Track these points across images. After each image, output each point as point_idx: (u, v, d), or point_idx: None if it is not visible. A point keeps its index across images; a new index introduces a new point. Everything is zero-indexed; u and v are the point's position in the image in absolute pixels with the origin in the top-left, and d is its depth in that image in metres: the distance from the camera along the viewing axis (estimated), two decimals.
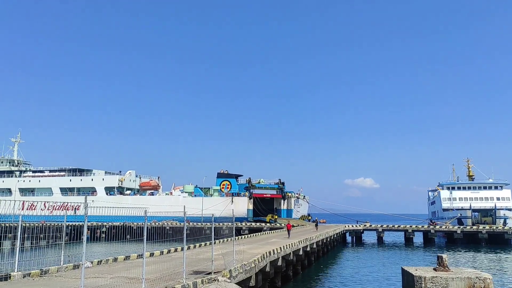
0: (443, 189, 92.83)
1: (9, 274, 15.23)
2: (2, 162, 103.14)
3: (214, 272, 15.88)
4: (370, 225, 71.09)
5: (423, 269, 20.08)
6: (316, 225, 57.60)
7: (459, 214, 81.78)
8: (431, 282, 18.14)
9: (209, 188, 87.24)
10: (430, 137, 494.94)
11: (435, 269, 19.62)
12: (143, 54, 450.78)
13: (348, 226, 69.68)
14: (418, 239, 68.47)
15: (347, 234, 69.21)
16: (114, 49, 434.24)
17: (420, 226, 70.57)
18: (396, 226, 69.98)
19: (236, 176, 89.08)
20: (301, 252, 32.37)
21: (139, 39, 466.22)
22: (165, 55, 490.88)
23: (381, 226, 69.30)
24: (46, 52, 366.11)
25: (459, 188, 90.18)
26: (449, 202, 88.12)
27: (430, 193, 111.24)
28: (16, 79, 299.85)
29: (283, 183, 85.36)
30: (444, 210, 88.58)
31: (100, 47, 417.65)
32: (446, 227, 68.56)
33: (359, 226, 69.94)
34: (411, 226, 68.43)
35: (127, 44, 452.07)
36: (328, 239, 50.12)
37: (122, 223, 62.75)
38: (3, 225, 51.46)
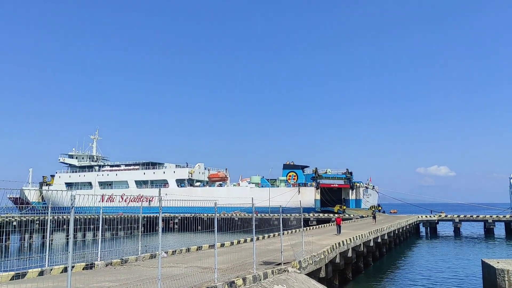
0: None
1: (93, 263, 16.37)
2: (83, 158, 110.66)
3: (283, 263, 15.95)
4: (446, 216, 67.72)
5: (506, 262, 18.90)
6: (374, 217, 48.44)
7: None
8: None
9: (276, 179, 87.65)
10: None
11: None
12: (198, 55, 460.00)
13: (422, 216, 66.86)
14: (500, 230, 64.06)
15: (421, 225, 66.48)
16: (180, 53, 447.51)
17: (501, 216, 65.94)
18: (474, 216, 66.01)
19: (302, 167, 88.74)
20: (371, 244, 31.64)
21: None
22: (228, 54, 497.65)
23: (458, 216, 65.71)
24: (117, 57, 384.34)
25: None
26: None
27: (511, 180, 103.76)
28: (87, 82, 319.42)
29: (350, 173, 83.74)
30: None
31: (168, 51, 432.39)
32: None
33: (434, 216, 66.90)
34: (491, 216, 64.16)
35: (194, 48, 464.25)
36: (400, 230, 48.47)
37: (193, 214, 64.95)
38: (86, 217, 55.53)
